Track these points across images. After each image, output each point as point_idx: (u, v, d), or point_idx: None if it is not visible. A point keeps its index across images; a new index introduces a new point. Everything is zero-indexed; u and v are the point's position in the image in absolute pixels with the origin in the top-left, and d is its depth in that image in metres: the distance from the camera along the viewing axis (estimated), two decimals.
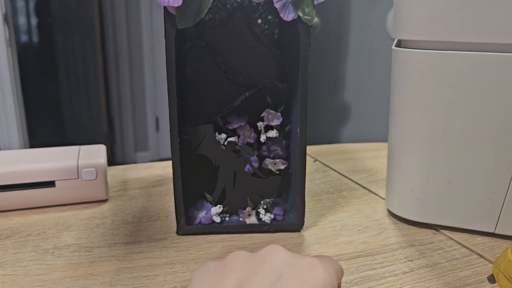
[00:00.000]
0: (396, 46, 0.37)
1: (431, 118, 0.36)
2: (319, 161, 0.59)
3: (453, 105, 0.34)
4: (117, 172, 0.54)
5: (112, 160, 2.80)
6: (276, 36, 0.45)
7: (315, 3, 0.33)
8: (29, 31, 4.29)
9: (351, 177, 0.53)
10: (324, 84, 1.46)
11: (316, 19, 1.07)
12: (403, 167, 0.40)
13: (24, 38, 4.21)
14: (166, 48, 0.35)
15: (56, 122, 3.35)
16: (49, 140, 3.11)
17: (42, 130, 3.31)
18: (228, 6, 0.44)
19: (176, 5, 0.32)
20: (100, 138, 2.78)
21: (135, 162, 2.69)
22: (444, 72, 0.33)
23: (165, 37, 0.34)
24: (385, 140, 0.75)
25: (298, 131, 0.38)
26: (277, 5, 0.33)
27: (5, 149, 1.57)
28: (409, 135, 0.38)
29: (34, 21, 4.26)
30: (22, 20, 4.14)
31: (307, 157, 0.61)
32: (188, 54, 0.44)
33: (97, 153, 0.46)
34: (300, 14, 0.33)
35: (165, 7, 0.33)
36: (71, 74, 2.96)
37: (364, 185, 0.51)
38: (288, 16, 0.34)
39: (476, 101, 0.34)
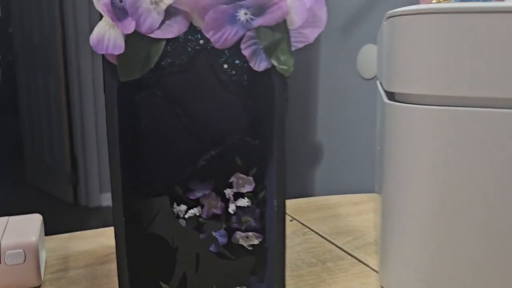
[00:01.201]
0: (389, 99, 0.30)
1: (439, 179, 0.29)
2: (297, 220, 0.52)
3: (465, 167, 0.28)
4: (57, 244, 0.45)
5: (75, 203, 2.65)
6: (245, 83, 0.39)
7: (292, 49, 0.27)
8: None
9: (335, 242, 0.46)
10: (293, 130, 1.41)
11: None
12: (402, 237, 0.33)
13: None
14: (106, 106, 0.27)
15: (16, 161, 3.19)
16: (8, 182, 2.93)
17: (1, 170, 3.14)
18: (190, 49, 0.38)
19: (116, 52, 0.25)
20: (63, 178, 2.64)
21: (100, 204, 2.56)
22: (454, 130, 0.27)
23: (105, 92, 0.27)
24: (365, 190, 0.69)
25: (274, 203, 0.31)
26: (246, 52, 0.27)
27: None
28: (411, 198, 0.31)
29: None
30: None
31: None
32: (142, 105, 0.37)
33: (29, 227, 0.38)
34: (275, 63, 0.27)
35: (103, 56, 0.26)
36: (33, 112, 2.84)
37: (351, 252, 0.44)
38: (260, 65, 0.27)
39: (491, 162, 0.28)
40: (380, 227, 0.36)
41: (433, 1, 0.38)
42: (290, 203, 0.58)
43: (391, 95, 0.31)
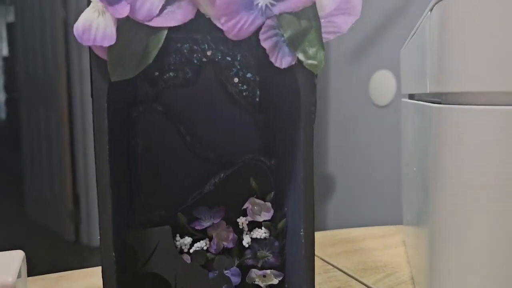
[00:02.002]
0: (429, 101, 0.25)
1: (506, 197, 0.24)
2: (317, 256, 0.46)
3: None
4: (44, 285, 0.39)
5: (76, 241, 2.57)
6: (257, 99, 0.34)
7: (324, 40, 0.22)
8: None
9: (363, 281, 0.40)
10: None
11: None
12: (462, 274, 0.27)
13: None
14: (93, 113, 0.22)
15: (18, 198, 3.15)
16: (9, 218, 2.88)
17: (2, 206, 3.09)
18: (196, 61, 0.33)
19: (106, 44, 0.20)
20: (64, 216, 2.58)
21: None
22: None
23: (92, 95, 0.22)
24: (382, 222, 0.63)
25: (301, 233, 0.25)
26: (266, 45, 0.22)
27: None
28: (473, 226, 0.25)
29: (1, 97, 4.16)
30: None
31: None
32: (139, 122, 0.32)
33: (7, 265, 0.32)
34: (301, 57, 0.22)
35: (91, 49, 0.21)
36: (35, 148, 2.83)
37: None
38: (282, 61, 0.22)
39: None
40: (427, 264, 0.30)
41: None
42: None
43: (438, 100, 0.26)
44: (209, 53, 0.33)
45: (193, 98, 0.33)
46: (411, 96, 0.40)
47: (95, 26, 0.20)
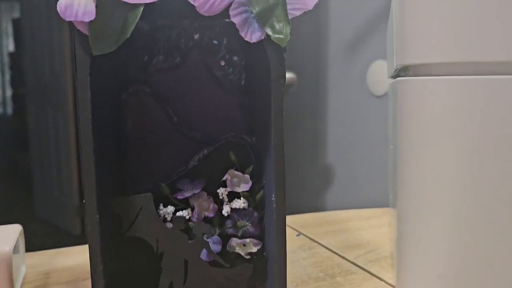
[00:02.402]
0: (395, 76, 0.27)
1: (465, 172, 0.25)
2: (304, 235, 0.48)
3: (497, 151, 0.24)
4: (42, 259, 0.42)
5: (82, 234, 2.61)
6: (243, 82, 0.36)
7: (290, 17, 0.23)
8: (3, 103, 4.23)
9: (345, 256, 0.42)
10: (302, 145, 1.38)
11: (291, 75, 0.98)
12: (423, 244, 0.28)
13: None
14: (77, 87, 0.24)
15: (25, 195, 3.19)
16: (16, 214, 2.92)
17: (10, 203, 3.14)
18: (183, 46, 0.35)
19: (87, 19, 0.22)
20: (70, 211, 2.62)
21: None
22: (486, 104, 0.23)
23: (76, 69, 0.24)
24: (377, 205, 0.65)
25: (273, 198, 0.27)
26: (236, 20, 0.23)
27: None
28: (430, 195, 0.27)
29: (8, 92, 4.21)
30: None
31: (289, 231, 0.49)
32: (129, 103, 0.33)
33: (5, 237, 0.34)
34: (269, 32, 0.24)
35: (73, 25, 0.23)
36: (42, 146, 2.86)
37: (364, 266, 0.39)
38: (252, 36, 0.24)
39: None
40: (395, 237, 0.32)
41: None
42: (296, 218, 0.54)
43: (404, 73, 0.27)
44: (196, 36, 0.35)
45: (180, 81, 0.34)
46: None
47: (76, 2, 0.22)
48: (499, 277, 0.27)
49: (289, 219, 0.53)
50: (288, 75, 1.08)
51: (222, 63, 0.35)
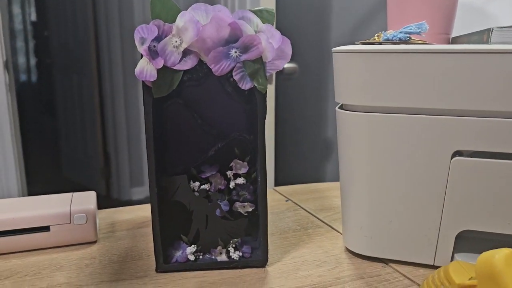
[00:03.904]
0: (339, 108, 0.43)
1: (371, 167, 0.42)
2: (291, 201, 0.65)
3: (386, 157, 0.41)
4: (107, 214, 0.60)
5: (107, 195, 2.84)
6: (246, 93, 0.52)
7: (267, 74, 0.40)
8: (28, 71, 4.40)
9: (317, 215, 0.59)
10: (307, 122, 1.54)
11: (293, 65, 1.14)
12: (352, 208, 0.46)
13: (23, 77, 4.31)
14: (144, 113, 0.41)
15: (53, 158, 3.41)
16: (46, 176, 3.15)
17: (40, 166, 3.35)
18: (204, 68, 0.51)
19: (151, 79, 0.39)
20: (96, 173, 2.83)
21: (130, 197, 2.74)
22: (378, 131, 0.40)
23: (144, 105, 0.41)
24: None
25: (258, 179, 0.44)
26: (236, 77, 0.40)
27: (3, 187, 1.62)
28: (355, 181, 0.44)
29: (33, 61, 4.38)
30: (21, 60, 4.26)
31: (281, 197, 0.67)
32: (168, 110, 0.50)
33: (88, 199, 0.52)
34: (255, 84, 0.40)
35: (143, 81, 0.40)
36: (68, 112, 3.02)
37: (328, 223, 0.57)
38: (246, 85, 0.40)
39: (403, 153, 0.40)
40: (340, 202, 0.49)
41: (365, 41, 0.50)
42: (287, 188, 0.71)
43: (340, 105, 0.44)
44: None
45: (202, 93, 0.51)
46: None
47: (145, 69, 0.39)
48: (395, 229, 0.44)
49: (282, 188, 0.71)
50: (291, 65, 1.23)
51: (231, 80, 0.52)
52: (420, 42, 0.40)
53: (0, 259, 0.47)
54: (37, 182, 3.01)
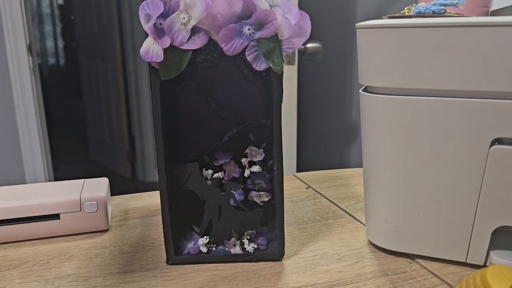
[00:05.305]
0: (363, 90, 0.39)
1: (398, 155, 0.38)
2: (312, 188, 0.62)
3: (416, 144, 0.37)
4: (121, 201, 0.58)
5: (132, 177, 2.88)
6: (264, 74, 0.49)
7: (283, 54, 0.36)
8: (56, 54, 4.48)
9: (339, 204, 0.56)
10: (329, 107, 1.49)
11: (317, 45, 1.09)
12: (377, 199, 0.42)
13: (51, 60, 4.38)
14: (151, 97, 0.38)
15: (80, 141, 3.47)
16: (72, 159, 3.21)
17: (66, 149, 3.42)
18: (219, 49, 0.48)
19: (158, 60, 0.36)
20: (121, 155, 2.87)
21: (155, 180, 2.76)
22: (407, 115, 0.36)
23: (150, 88, 0.38)
24: None
25: (274, 168, 0.41)
26: (249, 57, 0.37)
27: (30, 171, 1.65)
28: (380, 170, 0.41)
29: (60, 44, 4.44)
30: (49, 43, 4.33)
31: (301, 184, 0.64)
32: (181, 94, 0.48)
33: (100, 186, 0.51)
34: (271, 64, 0.37)
35: (149, 62, 0.37)
36: (94, 95, 3.07)
37: (351, 212, 0.53)
38: (260, 66, 0.37)
39: (436, 140, 0.37)
40: (364, 193, 0.45)
41: (398, 13, 0.46)
42: (309, 175, 0.68)
43: (365, 88, 0.40)
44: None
45: (216, 76, 0.48)
46: None
47: (151, 49, 0.36)
48: (423, 223, 0.40)
49: (303, 175, 0.67)
50: (314, 44, 1.18)
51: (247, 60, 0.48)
52: (456, 15, 0.36)
53: (11, 247, 0.46)
54: (63, 165, 3.08)
